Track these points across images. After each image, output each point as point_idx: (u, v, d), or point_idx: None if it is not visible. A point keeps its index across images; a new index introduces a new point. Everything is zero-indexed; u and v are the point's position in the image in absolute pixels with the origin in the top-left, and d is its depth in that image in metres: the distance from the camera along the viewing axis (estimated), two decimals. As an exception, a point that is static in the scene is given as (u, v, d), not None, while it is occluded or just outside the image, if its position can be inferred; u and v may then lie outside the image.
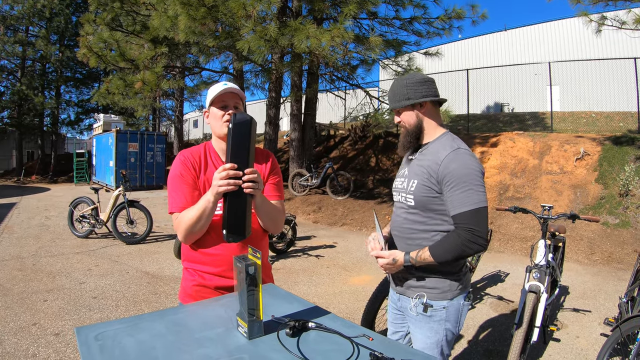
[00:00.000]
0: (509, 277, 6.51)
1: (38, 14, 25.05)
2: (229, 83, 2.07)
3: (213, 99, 2.03)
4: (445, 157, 1.95)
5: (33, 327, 4.34)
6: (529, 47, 21.75)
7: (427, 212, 2.03)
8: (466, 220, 1.89)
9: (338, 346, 1.39)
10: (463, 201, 1.90)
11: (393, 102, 2.13)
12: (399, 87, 2.10)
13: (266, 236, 2.24)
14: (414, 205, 2.05)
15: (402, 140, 2.16)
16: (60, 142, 30.56)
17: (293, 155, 13.81)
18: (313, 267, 7.01)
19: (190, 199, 1.99)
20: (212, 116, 2.07)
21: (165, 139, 20.92)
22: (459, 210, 1.91)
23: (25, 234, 9.03)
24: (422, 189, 2.01)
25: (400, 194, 2.16)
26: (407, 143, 2.13)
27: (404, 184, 2.14)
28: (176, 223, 1.99)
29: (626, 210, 8.81)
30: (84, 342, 1.37)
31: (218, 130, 2.06)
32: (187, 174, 2.03)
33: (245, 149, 1.83)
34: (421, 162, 2.07)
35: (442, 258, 1.93)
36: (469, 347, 4.15)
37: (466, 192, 1.90)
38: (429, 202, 2.01)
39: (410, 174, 2.10)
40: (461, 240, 1.89)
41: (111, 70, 12.81)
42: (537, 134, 12.90)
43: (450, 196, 1.93)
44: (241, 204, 1.83)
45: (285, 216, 2.30)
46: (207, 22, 9.18)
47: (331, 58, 9.52)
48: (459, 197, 1.91)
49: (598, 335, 4.37)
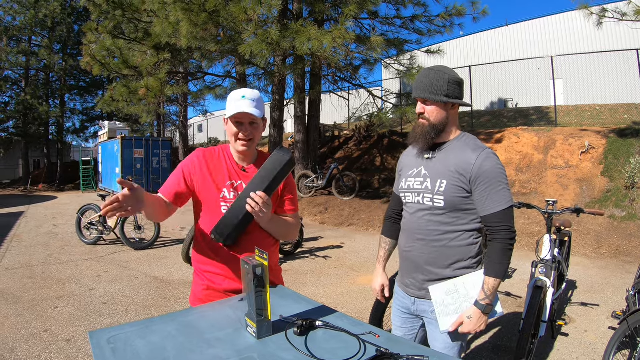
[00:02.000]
0: (516, 273, 6.50)
1: (40, 23, 25.20)
2: (247, 95, 2.02)
3: (229, 116, 2.03)
4: (478, 157, 1.95)
5: (44, 334, 4.39)
6: (531, 42, 21.67)
7: (456, 212, 2.01)
8: (501, 219, 1.93)
9: (345, 344, 1.41)
10: (499, 201, 1.92)
11: (427, 92, 2.01)
12: (439, 80, 2.00)
13: (277, 244, 2.28)
14: (443, 206, 2.01)
15: (421, 133, 2.06)
16: (66, 150, 30.70)
17: (298, 157, 13.84)
18: (321, 268, 7.03)
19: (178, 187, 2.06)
20: (228, 129, 2.08)
21: (170, 144, 20.99)
22: (494, 209, 1.93)
23: (34, 242, 9.10)
24: (453, 190, 1.98)
25: (420, 194, 2.09)
26: (430, 138, 2.05)
27: (425, 184, 2.07)
28: None
29: (633, 203, 8.78)
30: (97, 345, 1.40)
31: (233, 145, 2.11)
32: (189, 171, 2.09)
33: (269, 180, 1.94)
34: (446, 161, 2.02)
35: (502, 273, 1.96)
36: (477, 344, 4.16)
37: (500, 191, 1.92)
38: (460, 202, 1.99)
39: (432, 174, 2.05)
40: (504, 245, 1.93)
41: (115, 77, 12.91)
42: (542, 128, 12.87)
43: (484, 196, 1.94)
44: (238, 218, 1.95)
45: (299, 226, 2.33)
46: (209, 27, 9.23)
47: (333, 59, 9.56)
48: (494, 197, 1.93)
49: (606, 329, 4.37)
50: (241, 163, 2.15)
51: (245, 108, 1.98)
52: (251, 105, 2.00)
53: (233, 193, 2.06)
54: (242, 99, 2.00)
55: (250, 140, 2.06)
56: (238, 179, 2.11)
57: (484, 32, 23.81)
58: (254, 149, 2.16)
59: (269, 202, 1.93)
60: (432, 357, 1.28)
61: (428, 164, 2.09)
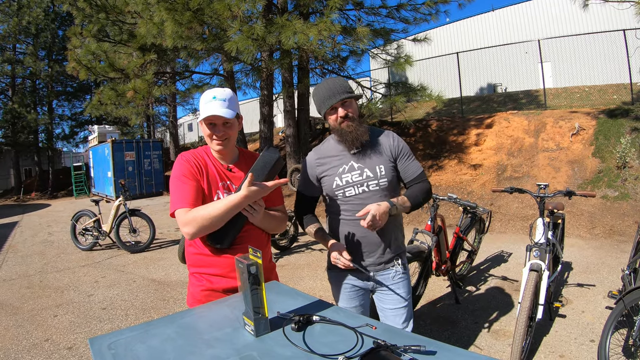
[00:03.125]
0: (511, 257, 6.56)
1: (24, 31, 24.97)
2: (218, 95, 2.02)
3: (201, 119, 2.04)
4: (393, 138, 2.42)
5: (46, 343, 4.39)
6: (518, 26, 21.69)
7: (393, 187, 2.38)
8: (424, 177, 2.42)
9: (343, 337, 1.43)
10: (418, 165, 2.42)
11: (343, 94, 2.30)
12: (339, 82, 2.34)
13: (269, 239, 2.30)
14: (387, 186, 2.34)
15: (359, 132, 2.33)
16: (56, 157, 30.53)
17: (290, 151, 13.83)
18: (317, 261, 7.05)
19: (198, 195, 1.99)
20: (203, 130, 2.09)
21: (161, 145, 20.92)
22: (418, 171, 2.40)
23: (30, 251, 9.07)
24: (391, 170, 2.36)
25: (364, 184, 2.33)
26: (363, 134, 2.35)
27: (364, 174, 2.33)
28: (188, 217, 1.90)
29: (625, 183, 8.85)
30: (98, 352, 1.41)
31: (209, 145, 2.12)
32: (192, 173, 2.04)
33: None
34: (375, 149, 2.38)
35: (417, 200, 2.33)
36: (475, 328, 4.20)
37: (415, 159, 2.44)
38: (394, 178, 2.38)
39: (367, 164, 2.34)
40: (428, 186, 2.40)
41: (102, 81, 12.79)
42: (532, 112, 12.91)
43: (407, 164, 2.39)
44: (233, 220, 1.97)
45: (286, 218, 2.34)
46: (194, 26, 9.15)
47: (320, 52, 9.52)
48: (414, 163, 2.41)
49: (603, 308, 4.42)
50: (225, 163, 2.16)
51: (216, 110, 1.98)
52: (223, 106, 2.00)
53: (226, 194, 2.07)
54: (213, 100, 2.01)
55: (226, 140, 2.07)
56: (227, 179, 2.12)
57: (471, 18, 23.80)
58: (232, 148, 2.17)
59: (261, 202, 1.96)
60: (428, 345, 1.30)
61: (359, 157, 2.36)
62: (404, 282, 2.46)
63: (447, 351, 1.33)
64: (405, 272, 2.48)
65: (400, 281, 2.44)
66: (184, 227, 1.91)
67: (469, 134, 12.90)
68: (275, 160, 2.02)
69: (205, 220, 1.88)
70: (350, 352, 1.31)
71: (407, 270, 2.51)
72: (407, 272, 2.50)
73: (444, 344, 1.39)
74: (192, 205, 1.94)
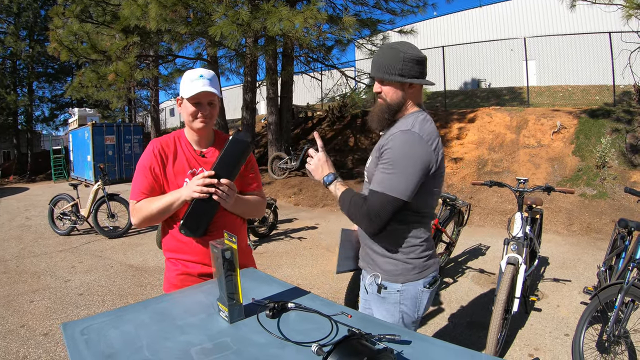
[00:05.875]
0: (489, 250, 6.64)
1: (5, 10, 24.30)
2: (205, 74, 2.02)
3: (187, 97, 2.01)
4: (394, 134, 1.85)
5: (22, 329, 4.31)
6: (505, 23, 21.84)
7: None
8: (373, 200, 1.81)
9: (317, 325, 1.42)
10: (381, 181, 1.81)
11: (381, 72, 1.90)
12: (393, 58, 1.86)
13: (244, 224, 2.28)
14: (367, 181, 2.01)
15: (378, 114, 1.98)
16: (36, 140, 29.90)
17: (271, 138, 13.78)
18: (296, 249, 7.05)
19: (148, 193, 2.03)
20: (185, 109, 2.06)
21: (142, 129, 20.62)
22: (376, 187, 1.82)
23: (7, 235, 8.89)
24: (373, 163, 1.95)
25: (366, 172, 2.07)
26: (384, 120, 1.96)
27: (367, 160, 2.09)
28: (134, 209, 2.02)
29: (603, 182, 9.00)
30: (71, 337, 1.38)
31: (190, 124, 2.08)
32: (152, 167, 2.04)
33: (232, 165, 1.97)
34: (382, 137, 1.99)
35: (340, 204, 1.94)
36: (452, 320, 4.24)
37: (389, 174, 1.79)
38: None
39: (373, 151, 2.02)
40: (361, 212, 1.83)
41: (83, 63, 12.54)
42: (514, 108, 13.03)
43: (376, 171, 1.87)
44: (205, 207, 1.95)
45: (265, 202, 2.33)
46: (178, 9, 9.02)
47: (305, 40, 9.46)
48: (380, 176, 1.83)
49: (578, 304, 4.51)
50: (198, 148, 2.14)
51: (205, 87, 1.97)
52: (209, 84, 1.99)
53: None
54: (200, 78, 2.00)
55: (210, 119, 2.06)
56: (198, 165, 2.10)
57: (458, 13, 23.88)
58: (211, 129, 2.15)
59: (233, 187, 1.94)
60: (403, 335, 1.30)
61: None
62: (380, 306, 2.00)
63: (422, 341, 1.34)
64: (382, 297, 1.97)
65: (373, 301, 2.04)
66: (131, 217, 2.09)
67: (451, 127, 12.97)
68: (246, 144, 2.00)
69: (147, 213, 1.98)
70: (324, 340, 1.30)
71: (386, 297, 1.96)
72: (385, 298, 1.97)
73: (418, 334, 1.39)
74: (144, 196, 2.03)
